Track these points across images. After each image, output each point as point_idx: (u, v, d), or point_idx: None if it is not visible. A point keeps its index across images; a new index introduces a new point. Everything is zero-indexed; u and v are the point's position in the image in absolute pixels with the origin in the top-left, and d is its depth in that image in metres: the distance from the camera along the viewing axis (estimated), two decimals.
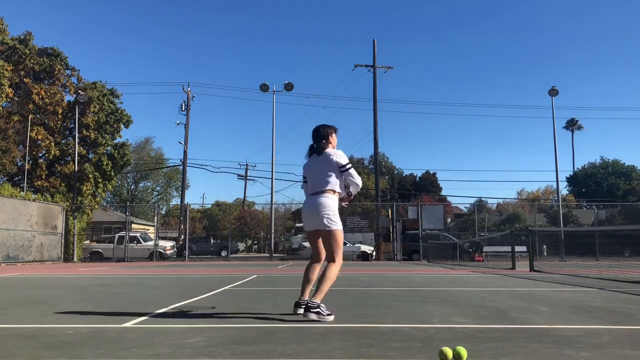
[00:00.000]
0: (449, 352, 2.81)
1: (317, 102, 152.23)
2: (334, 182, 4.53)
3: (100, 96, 32.06)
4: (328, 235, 4.48)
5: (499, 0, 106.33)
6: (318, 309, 4.26)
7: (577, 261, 20.12)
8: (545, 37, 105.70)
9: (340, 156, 4.57)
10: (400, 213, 33.08)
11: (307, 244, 32.39)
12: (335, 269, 4.47)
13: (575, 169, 60.11)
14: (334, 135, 4.72)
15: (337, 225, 4.47)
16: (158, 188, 72.51)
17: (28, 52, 30.71)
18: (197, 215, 56.05)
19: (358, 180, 4.64)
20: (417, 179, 61.31)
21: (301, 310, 4.41)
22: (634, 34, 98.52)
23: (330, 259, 4.51)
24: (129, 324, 4.24)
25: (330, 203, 4.49)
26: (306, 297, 4.53)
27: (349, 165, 4.58)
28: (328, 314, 4.29)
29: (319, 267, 4.69)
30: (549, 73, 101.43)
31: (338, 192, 4.59)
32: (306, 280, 4.61)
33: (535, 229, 19.42)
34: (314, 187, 4.57)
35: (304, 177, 4.77)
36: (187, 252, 31.21)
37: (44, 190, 30.23)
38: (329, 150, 4.62)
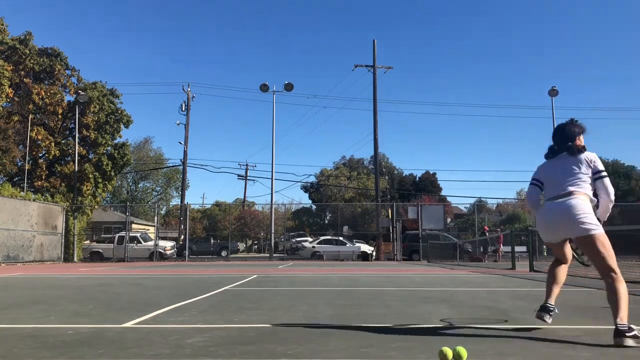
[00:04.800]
0: (449, 352, 2.81)
1: (317, 102, 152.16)
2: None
3: (100, 96, 32.05)
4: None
5: (499, 1, 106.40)
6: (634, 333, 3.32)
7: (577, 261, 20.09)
8: (545, 37, 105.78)
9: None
10: (400, 213, 33.09)
11: (307, 244, 32.39)
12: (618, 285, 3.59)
13: None
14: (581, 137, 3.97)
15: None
16: (158, 188, 72.53)
17: (28, 52, 30.71)
18: (197, 215, 55.99)
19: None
20: (417, 179, 61.28)
21: (548, 319, 3.87)
22: (635, 33, 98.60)
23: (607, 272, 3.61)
24: (129, 324, 4.24)
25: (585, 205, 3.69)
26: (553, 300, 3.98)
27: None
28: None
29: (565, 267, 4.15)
30: (549, 73, 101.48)
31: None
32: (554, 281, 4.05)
33: (535, 229, 19.41)
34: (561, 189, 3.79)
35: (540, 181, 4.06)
36: (187, 252, 31.20)
37: (44, 191, 30.23)
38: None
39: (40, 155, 31.86)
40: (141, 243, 29.80)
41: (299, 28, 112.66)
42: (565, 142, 3.92)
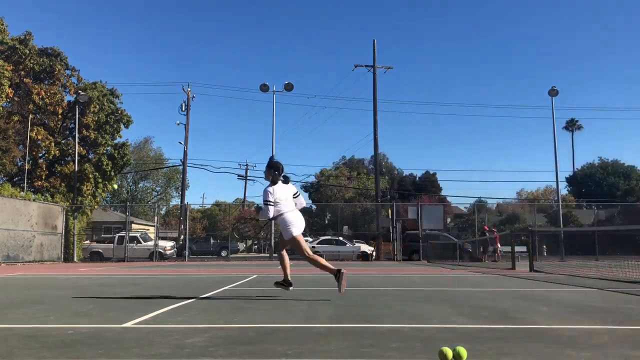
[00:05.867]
0: (449, 352, 2.81)
1: (317, 102, 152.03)
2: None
3: (100, 96, 32.04)
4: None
5: (499, 1, 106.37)
6: None
7: (577, 261, 20.12)
8: (545, 37, 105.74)
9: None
10: (400, 213, 33.06)
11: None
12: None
13: (575, 169, 60.10)
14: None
15: None
16: (158, 188, 72.54)
17: (28, 52, 30.71)
18: (197, 215, 56.05)
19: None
20: (417, 179, 61.26)
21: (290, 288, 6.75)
22: (635, 34, 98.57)
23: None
24: (129, 324, 4.24)
25: None
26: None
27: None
28: None
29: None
30: (549, 73, 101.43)
31: None
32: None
33: (535, 229, 19.43)
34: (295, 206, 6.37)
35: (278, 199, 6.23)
36: (187, 252, 31.19)
37: (44, 191, 30.22)
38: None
39: (40, 155, 31.85)
40: (141, 243, 29.80)
41: (299, 28, 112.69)
42: (282, 173, 6.33)
